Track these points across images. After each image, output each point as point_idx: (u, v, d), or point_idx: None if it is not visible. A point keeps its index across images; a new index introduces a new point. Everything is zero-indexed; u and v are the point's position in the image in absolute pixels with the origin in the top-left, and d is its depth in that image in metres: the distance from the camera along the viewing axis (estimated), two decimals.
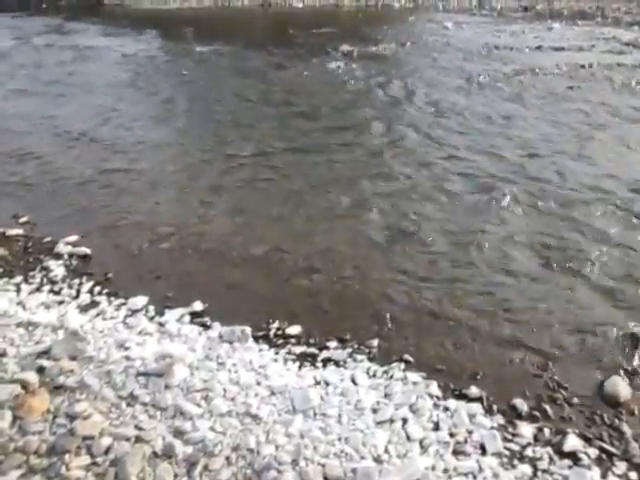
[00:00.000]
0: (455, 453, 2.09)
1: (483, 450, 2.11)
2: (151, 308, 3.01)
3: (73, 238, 3.77)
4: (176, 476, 1.98)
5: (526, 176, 4.63)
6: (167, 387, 2.36)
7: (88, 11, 16.99)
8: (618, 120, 5.99)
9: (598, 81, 7.52)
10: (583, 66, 8.26)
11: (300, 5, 16.85)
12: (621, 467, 2.06)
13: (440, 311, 3.00)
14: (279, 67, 8.82)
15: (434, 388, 2.42)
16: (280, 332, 2.83)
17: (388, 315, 2.96)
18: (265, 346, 2.71)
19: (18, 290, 3.20)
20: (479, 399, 2.38)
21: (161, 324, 2.87)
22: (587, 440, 2.17)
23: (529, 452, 2.11)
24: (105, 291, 3.21)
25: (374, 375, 2.51)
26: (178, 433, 2.14)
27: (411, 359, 2.63)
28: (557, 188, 4.40)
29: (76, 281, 3.31)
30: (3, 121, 6.37)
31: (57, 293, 3.18)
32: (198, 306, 3.02)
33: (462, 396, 2.40)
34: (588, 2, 15.19)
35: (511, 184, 4.46)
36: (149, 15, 16.51)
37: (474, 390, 2.43)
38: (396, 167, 4.85)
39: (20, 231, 3.92)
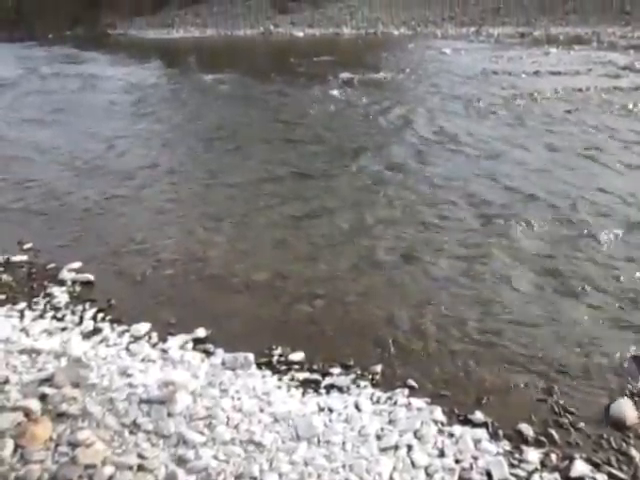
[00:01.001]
0: None
1: (489, 477, 2.08)
2: (154, 335, 3.01)
3: (77, 265, 3.78)
4: None
5: (528, 200, 4.64)
6: (170, 415, 2.35)
7: (94, 41, 17.36)
8: (617, 143, 6.03)
9: (596, 104, 7.60)
10: (580, 90, 8.36)
11: (301, 34, 17.17)
12: None
13: (443, 336, 2.99)
14: (280, 94, 8.95)
15: (439, 414, 2.40)
16: (283, 358, 2.82)
17: (391, 340, 2.95)
18: (268, 372, 2.70)
19: (22, 316, 3.20)
20: (484, 424, 2.36)
21: (164, 351, 2.86)
22: (595, 465, 2.15)
23: (536, 478, 2.08)
24: (108, 318, 3.21)
25: (378, 401, 2.49)
26: (181, 461, 2.12)
27: (415, 385, 2.62)
28: (559, 211, 4.41)
29: (79, 307, 3.31)
30: (10, 149, 6.46)
31: (60, 320, 3.19)
32: (201, 332, 3.02)
33: (467, 422, 2.38)
34: (584, 28, 15.45)
35: (513, 208, 4.48)
36: (153, 44, 16.84)
37: (479, 415, 2.40)
38: (397, 193, 4.88)
39: (24, 257, 3.95)
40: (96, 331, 3.07)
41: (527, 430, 2.32)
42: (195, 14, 19.76)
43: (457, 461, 2.14)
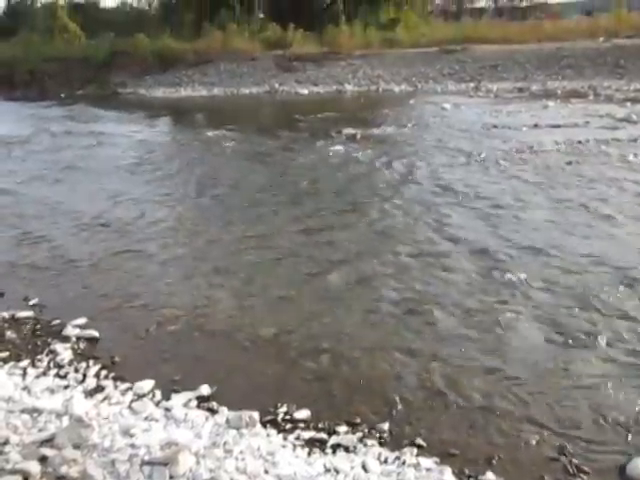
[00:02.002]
0: None
1: None
2: (157, 392, 2.97)
3: (81, 321, 3.78)
4: None
5: (532, 251, 4.65)
6: (172, 477, 2.28)
7: (104, 100, 17.91)
8: (618, 193, 6.09)
9: (595, 156, 7.71)
10: (580, 142, 8.50)
11: (305, 92, 17.68)
12: None
13: (451, 391, 2.94)
14: (285, 150, 9.14)
15: (448, 475, 2.33)
16: (288, 417, 2.77)
17: (398, 397, 2.90)
18: (273, 431, 2.64)
19: (24, 374, 3.18)
20: None
21: (167, 409, 2.82)
22: None
23: None
24: (111, 375, 3.18)
25: (386, 461, 2.42)
26: None
27: (423, 443, 2.55)
28: (563, 262, 4.42)
29: (83, 365, 3.29)
30: (18, 206, 6.56)
31: (63, 377, 3.15)
32: (205, 390, 2.98)
33: None
34: (580, 82, 15.85)
35: (517, 260, 4.48)
36: (161, 103, 17.36)
37: (490, 476, 2.33)
38: (401, 246, 4.90)
39: (29, 313, 3.95)
40: (99, 389, 3.03)
41: None
42: (202, 73, 20.40)
43: None
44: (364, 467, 2.37)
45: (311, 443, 2.56)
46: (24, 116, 14.77)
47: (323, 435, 2.62)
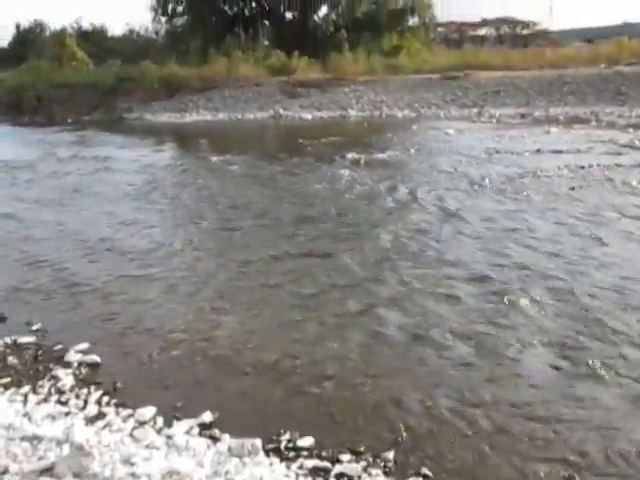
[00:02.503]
0: None
1: None
2: (159, 419, 2.93)
3: (84, 346, 3.76)
4: None
5: (536, 277, 4.63)
6: None
7: (110, 125, 18.12)
8: (623, 218, 6.08)
9: (599, 181, 7.72)
10: (583, 167, 8.52)
11: (309, 117, 17.86)
12: None
13: (457, 420, 2.89)
14: (289, 174, 9.19)
15: None
16: (291, 444, 2.73)
17: (403, 425, 2.86)
18: (276, 460, 2.60)
19: (25, 401, 3.15)
20: None
21: (169, 437, 2.78)
22: None
23: None
24: (113, 401, 3.15)
25: None
26: None
27: (429, 473, 2.51)
28: (569, 288, 4.39)
29: (84, 391, 3.26)
30: (24, 229, 6.60)
31: (64, 404, 3.12)
32: (207, 417, 2.94)
33: None
34: (582, 108, 15.97)
35: (522, 285, 4.46)
36: (167, 128, 17.55)
37: None
38: (405, 271, 4.89)
39: (32, 339, 3.93)
40: (100, 416, 3.00)
41: None
42: (207, 99, 20.66)
43: None
44: None
45: (314, 472, 2.52)
46: (31, 141, 14.94)
47: (327, 464, 2.57)
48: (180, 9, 29.81)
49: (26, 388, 3.28)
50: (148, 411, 3.00)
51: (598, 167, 8.47)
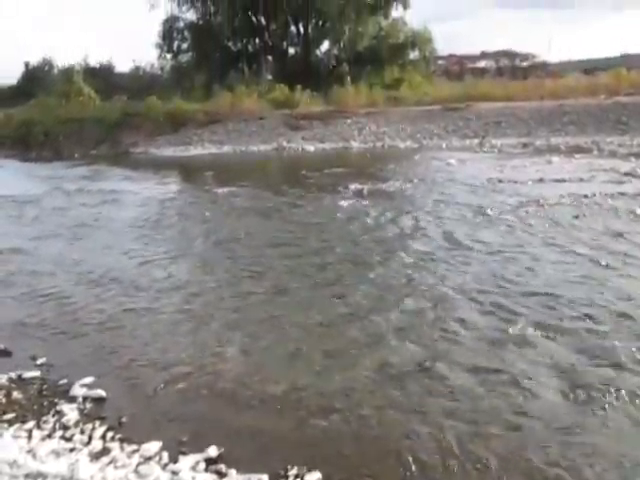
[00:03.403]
0: None
1: None
2: (165, 455, 2.90)
3: (89, 380, 3.74)
4: None
5: (542, 305, 4.61)
6: None
7: (116, 159, 18.36)
8: (628, 247, 6.07)
9: (602, 210, 7.74)
10: (586, 196, 8.55)
11: (312, 148, 18.06)
12: None
13: (467, 452, 2.85)
14: (293, 206, 9.25)
15: None
16: (299, 479, 2.69)
17: (412, 457, 2.82)
18: None
19: (29, 437, 3.12)
20: None
21: (174, 472, 2.74)
22: None
23: None
24: (118, 436, 3.12)
25: None
26: None
27: None
28: (575, 315, 4.37)
29: (89, 426, 3.23)
30: (30, 263, 6.63)
31: (69, 440, 3.10)
32: (213, 452, 2.90)
33: None
34: (583, 137, 16.10)
35: (528, 313, 4.44)
36: (172, 161, 17.76)
37: None
38: (410, 301, 4.88)
39: (37, 373, 3.92)
40: (105, 451, 2.96)
41: None
42: (212, 132, 20.95)
43: None
44: None
45: None
46: (38, 176, 15.13)
47: None
48: (185, 46, 30.55)
49: (31, 424, 3.26)
50: (153, 446, 2.97)
51: (601, 196, 8.49)
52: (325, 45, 29.60)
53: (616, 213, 7.51)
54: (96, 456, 2.91)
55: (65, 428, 3.21)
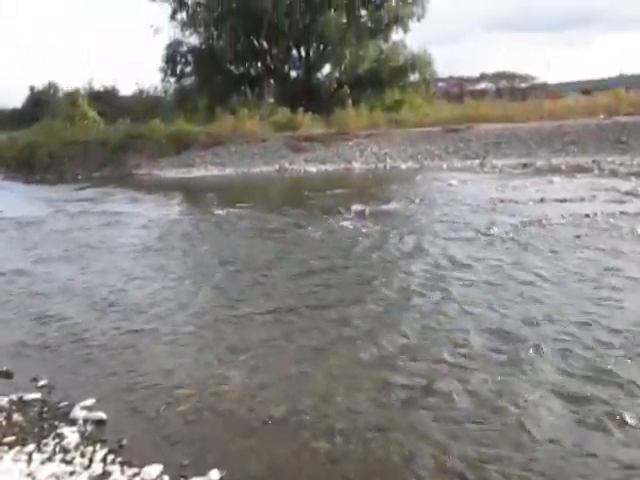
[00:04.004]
0: None
1: None
2: (166, 478, 2.87)
3: (90, 402, 3.72)
4: None
5: (546, 327, 4.59)
6: None
7: (119, 181, 18.46)
8: (630, 266, 6.06)
9: (604, 229, 7.74)
10: (587, 215, 8.56)
11: (314, 170, 18.17)
12: None
13: (470, 475, 2.81)
14: (295, 227, 9.27)
15: None
16: None
17: None
18: None
19: (29, 460, 3.10)
20: None
21: None
22: None
23: None
24: (118, 459, 3.09)
25: None
26: None
27: None
28: (580, 338, 4.34)
29: (89, 449, 3.20)
30: (33, 285, 6.64)
31: (69, 463, 3.07)
32: (215, 475, 2.87)
33: None
34: (583, 157, 16.19)
35: (532, 336, 4.41)
36: (174, 183, 17.85)
37: None
38: (413, 322, 4.86)
39: (37, 395, 3.90)
40: (105, 475, 2.94)
41: None
42: (214, 154, 21.10)
43: None
44: None
45: None
46: (42, 198, 15.21)
47: None
48: (188, 70, 30.95)
49: (31, 447, 3.23)
50: (154, 469, 2.94)
51: (602, 215, 8.51)
52: (326, 68, 29.98)
53: (618, 232, 7.51)
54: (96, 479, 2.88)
55: (65, 451, 3.19)
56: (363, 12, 28.73)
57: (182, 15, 29.60)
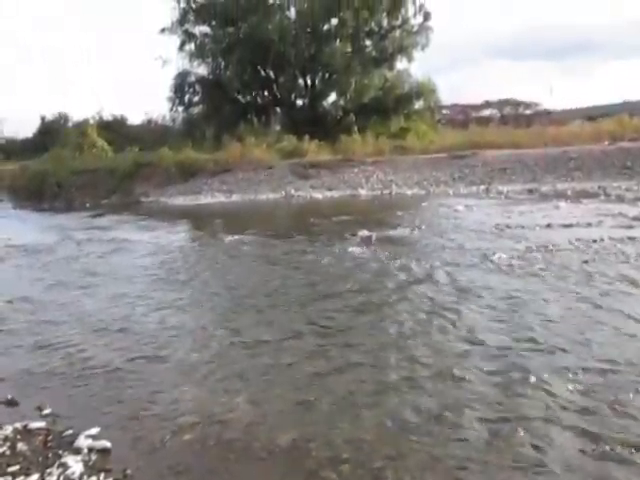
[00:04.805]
0: None
1: None
2: None
3: (94, 431, 3.69)
4: None
5: (555, 354, 4.54)
6: None
7: (127, 208, 18.63)
8: (639, 291, 6.01)
9: (612, 255, 7.70)
10: (595, 241, 8.52)
11: (320, 196, 18.27)
12: None
13: None
14: (301, 253, 9.28)
15: None
16: None
17: None
18: None
19: None
20: None
21: None
22: None
23: None
24: None
25: None
26: None
27: None
28: (590, 365, 4.28)
29: (93, 479, 3.17)
30: (40, 312, 6.65)
31: None
32: None
33: None
34: (589, 183, 16.21)
35: (539, 362, 4.36)
36: (182, 210, 18.00)
37: None
38: (420, 349, 4.82)
39: (42, 424, 3.87)
40: None
41: None
42: (221, 182, 21.31)
43: None
44: None
45: None
46: (51, 225, 15.36)
47: None
48: (196, 99, 31.52)
49: (35, 476, 3.20)
50: None
51: (610, 240, 8.47)
52: (332, 96, 30.42)
53: (626, 258, 7.46)
54: None
55: None
56: (368, 42, 29.31)
57: (190, 46, 30.30)
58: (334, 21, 28.20)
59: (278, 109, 30.97)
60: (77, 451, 3.48)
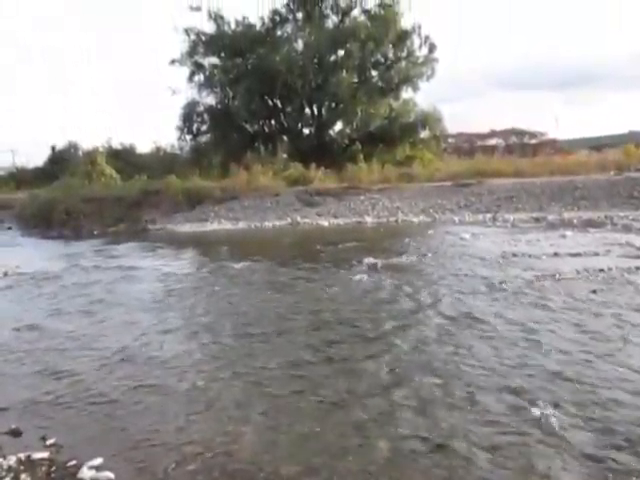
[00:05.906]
0: None
1: None
2: None
3: (98, 461, 3.66)
4: None
5: (563, 385, 4.49)
6: None
7: (134, 235, 18.72)
8: None
9: (620, 284, 7.66)
10: (602, 270, 8.48)
11: (326, 223, 18.33)
12: None
13: None
14: (307, 280, 9.28)
15: None
16: None
17: None
18: None
19: None
20: None
21: None
22: None
23: None
24: None
25: None
26: None
27: None
28: (598, 397, 4.22)
29: None
30: (46, 340, 6.65)
31: None
32: None
33: None
34: (596, 212, 16.19)
35: (546, 392, 4.32)
36: (188, 237, 18.07)
37: None
38: (425, 377, 4.78)
39: (45, 454, 3.84)
40: None
41: None
42: (228, 209, 21.43)
43: None
44: None
45: None
46: (58, 253, 15.44)
47: None
48: (204, 128, 32.00)
49: None
50: None
51: (618, 270, 8.43)
52: (338, 125, 30.80)
53: (635, 288, 7.42)
54: None
55: None
56: (374, 73, 29.82)
57: (199, 77, 30.89)
58: (340, 52, 28.75)
59: (285, 137, 31.33)
60: None
